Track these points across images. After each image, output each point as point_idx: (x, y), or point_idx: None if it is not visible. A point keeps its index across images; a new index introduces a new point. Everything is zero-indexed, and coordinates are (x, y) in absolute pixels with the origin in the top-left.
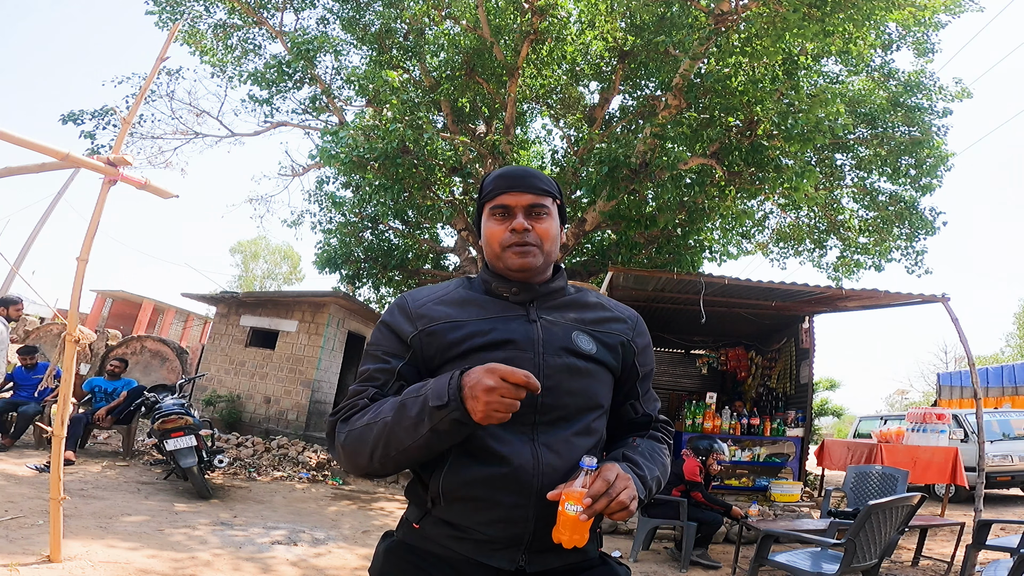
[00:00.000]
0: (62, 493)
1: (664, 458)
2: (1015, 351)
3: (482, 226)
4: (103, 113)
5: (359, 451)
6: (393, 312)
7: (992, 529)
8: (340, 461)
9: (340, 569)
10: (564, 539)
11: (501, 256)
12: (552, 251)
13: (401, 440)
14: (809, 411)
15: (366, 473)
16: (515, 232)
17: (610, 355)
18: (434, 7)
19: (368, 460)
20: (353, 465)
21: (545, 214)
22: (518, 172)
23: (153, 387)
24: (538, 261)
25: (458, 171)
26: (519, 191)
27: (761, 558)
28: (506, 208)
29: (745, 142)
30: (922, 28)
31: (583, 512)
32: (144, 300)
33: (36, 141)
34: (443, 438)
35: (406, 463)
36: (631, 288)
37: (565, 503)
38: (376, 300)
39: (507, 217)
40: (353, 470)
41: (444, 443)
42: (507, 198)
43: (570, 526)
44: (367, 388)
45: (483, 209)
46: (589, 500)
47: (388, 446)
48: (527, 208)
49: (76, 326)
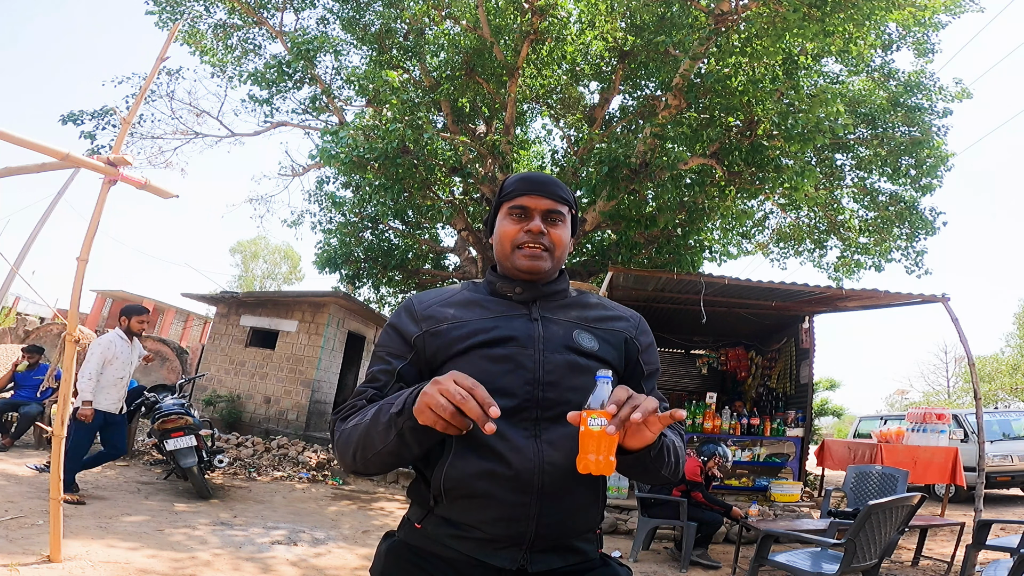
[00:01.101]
0: (62, 493)
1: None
2: (1015, 351)
3: (496, 224)
4: (103, 113)
5: (345, 451)
6: (399, 314)
7: (992, 529)
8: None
9: (340, 569)
10: (591, 463)
11: (511, 255)
12: (561, 258)
13: (375, 443)
14: (809, 411)
15: (353, 471)
16: (529, 233)
17: (613, 352)
18: (434, 7)
19: (352, 460)
20: (343, 463)
21: (560, 221)
22: (541, 177)
23: (153, 387)
24: (547, 265)
25: (458, 171)
26: (540, 195)
27: (761, 558)
28: (524, 209)
29: (745, 142)
30: (922, 28)
31: (609, 424)
32: (144, 300)
33: (36, 141)
34: (409, 444)
35: (384, 465)
36: (631, 288)
37: (587, 419)
38: (376, 300)
39: (524, 218)
40: (344, 467)
41: (412, 448)
42: (527, 200)
43: (597, 444)
44: (368, 389)
45: (500, 208)
46: (613, 407)
47: (366, 448)
48: (544, 212)
49: (76, 326)
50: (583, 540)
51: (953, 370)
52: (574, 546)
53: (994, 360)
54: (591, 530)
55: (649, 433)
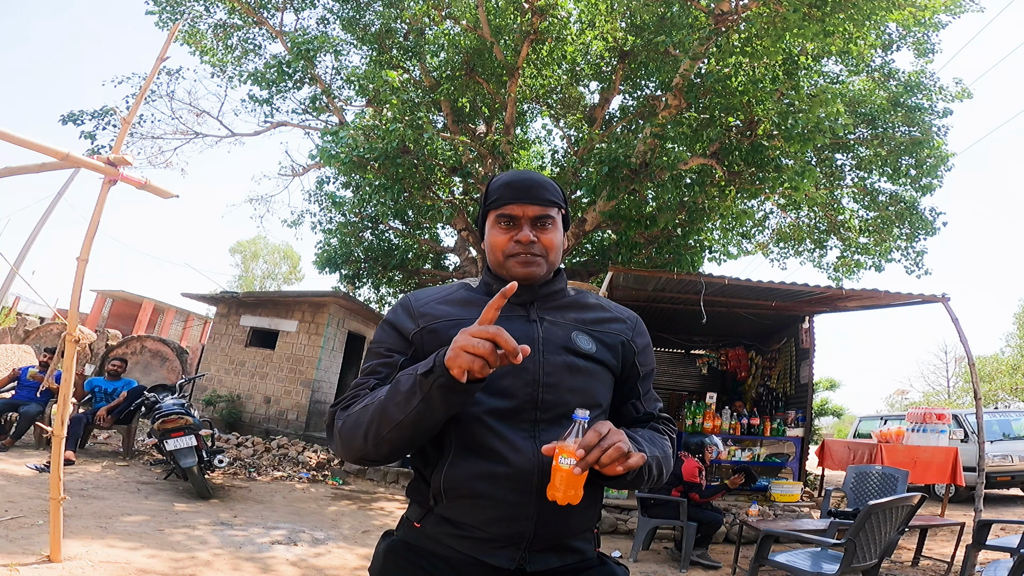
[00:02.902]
0: (62, 493)
1: (665, 445)
2: (1015, 351)
3: (486, 232)
4: (103, 113)
5: (355, 434)
6: (396, 311)
7: (992, 529)
8: (337, 449)
9: (340, 569)
10: (559, 496)
11: (504, 264)
12: (556, 260)
13: (393, 416)
14: (809, 411)
15: (361, 456)
16: (520, 243)
17: (610, 354)
18: (434, 7)
19: (363, 441)
20: (348, 449)
21: (551, 224)
22: (525, 183)
23: (153, 387)
24: (542, 271)
25: (458, 171)
26: (526, 202)
27: (761, 558)
28: (512, 218)
29: (745, 142)
30: (922, 28)
31: (576, 465)
32: (144, 300)
33: (36, 141)
34: (434, 409)
35: (400, 443)
36: (631, 288)
37: (558, 457)
38: (376, 300)
39: (512, 227)
40: (349, 455)
41: (435, 414)
42: (513, 208)
43: (564, 481)
44: (368, 380)
45: (487, 215)
46: (582, 452)
47: (381, 424)
48: (533, 219)
49: (76, 326)
50: (581, 539)
51: (953, 370)
52: (572, 546)
53: (994, 360)
54: (588, 530)
55: (619, 468)
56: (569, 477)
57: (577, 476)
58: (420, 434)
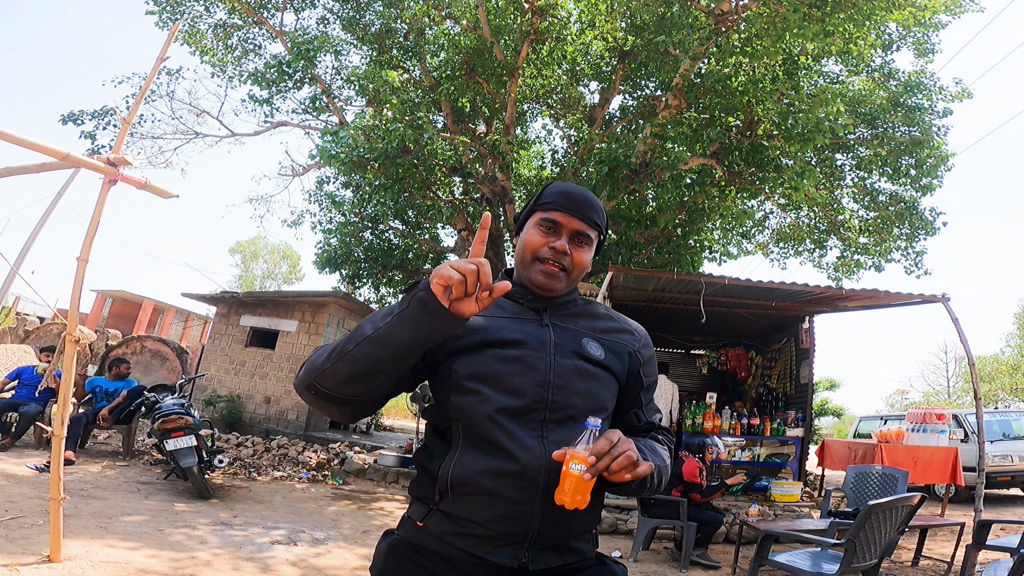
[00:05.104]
0: (62, 493)
1: (664, 455)
2: (1015, 351)
3: (524, 229)
4: (103, 113)
5: (321, 353)
6: None
7: (992, 529)
8: (298, 375)
9: (340, 569)
10: (567, 500)
11: (530, 266)
12: (577, 279)
13: (364, 330)
14: (809, 411)
15: (317, 376)
16: (553, 250)
17: (617, 362)
18: (434, 7)
19: (326, 358)
20: (309, 369)
21: (587, 244)
22: (579, 197)
23: (153, 387)
24: (561, 285)
25: (458, 171)
26: (574, 215)
27: (761, 558)
28: (555, 224)
29: (745, 142)
30: (922, 28)
31: (587, 471)
32: (144, 300)
33: (36, 141)
34: (405, 325)
35: (357, 367)
36: (631, 288)
37: (569, 463)
38: (376, 300)
39: (552, 233)
40: (305, 377)
41: (403, 335)
42: (560, 216)
43: (573, 486)
44: None
45: (533, 214)
46: (593, 458)
47: (350, 340)
48: (573, 232)
49: (76, 326)
50: (581, 540)
51: (953, 370)
52: (572, 545)
53: (994, 360)
54: (590, 530)
55: (627, 476)
56: (579, 483)
57: (586, 482)
58: (382, 361)
